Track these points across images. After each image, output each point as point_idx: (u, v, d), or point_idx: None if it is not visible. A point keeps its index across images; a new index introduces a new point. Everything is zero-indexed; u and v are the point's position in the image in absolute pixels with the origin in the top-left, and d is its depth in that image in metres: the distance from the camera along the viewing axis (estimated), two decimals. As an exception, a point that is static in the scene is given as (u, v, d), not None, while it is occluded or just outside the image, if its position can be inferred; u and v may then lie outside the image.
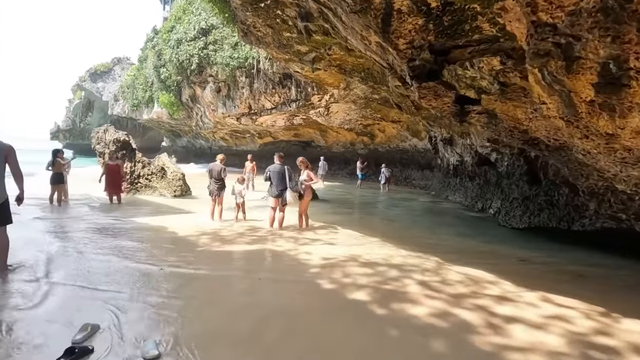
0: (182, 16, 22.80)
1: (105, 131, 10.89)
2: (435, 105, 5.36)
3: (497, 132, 5.71)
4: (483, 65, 4.69)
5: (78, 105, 44.36)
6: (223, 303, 3.54)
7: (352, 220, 8.53)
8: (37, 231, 6.29)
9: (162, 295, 3.64)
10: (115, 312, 3.18)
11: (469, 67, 4.87)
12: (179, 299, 3.54)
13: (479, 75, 4.73)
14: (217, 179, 7.62)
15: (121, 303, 3.38)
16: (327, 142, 25.37)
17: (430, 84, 4.95)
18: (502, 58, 4.55)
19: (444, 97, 5.13)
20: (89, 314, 3.11)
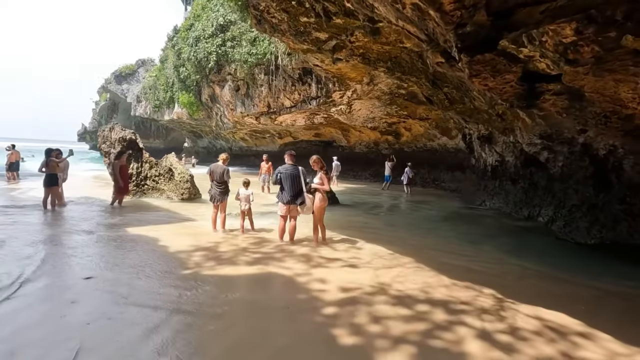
0: (200, 13, 22.26)
1: (111, 129, 10.18)
2: (493, 86, 4.11)
3: (581, 120, 4.35)
4: (559, 32, 3.40)
5: (103, 107, 45.20)
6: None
7: (378, 231, 7.28)
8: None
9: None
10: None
11: (537, 39, 3.60)
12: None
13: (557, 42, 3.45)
14: (219, 182, 6.58)
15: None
16: (349, 142, 24.18)
17: (486, 57, 3.72)
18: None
19: (505, 74, 3.88)
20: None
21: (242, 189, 6.75)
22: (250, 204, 6.68)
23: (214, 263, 4.70)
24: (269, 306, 3.47)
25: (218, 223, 6.71)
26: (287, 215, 5.98)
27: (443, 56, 4.85)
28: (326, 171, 5.97)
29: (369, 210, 10.36)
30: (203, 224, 7.15)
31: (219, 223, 6.71)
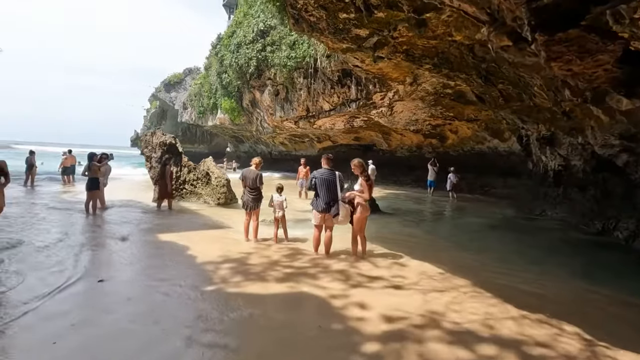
0: (242, 20, 22.63)
1: (152, 134, 10.34)
2: (580, 70, 3.35)
3: None
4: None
5: (154, 114, 47.79)
6: None
7: (424, 244, 6.53)
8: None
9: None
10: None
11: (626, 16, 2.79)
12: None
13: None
14: (252, 188, 6.16)
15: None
16: (390, 145, 23.31)
17: (571, 34, 2.97)
18: None
19: (598, 54, 3.08)
20: None
21: (276, 194, 6.32)
22: (284, 210, 6.26)
23: (241, 278, 4.28)
24: (296, 340, 2.95)
25: (250, 231, 6.33)
26: (322, 225, 5.43)
27: (510, 38, 4.08)
28: (367, 177, 5.31)
29: (413, 220, 9.58)
30: (236, 231, 6.84)
31: (251, 231, 6.33)
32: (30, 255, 5.03)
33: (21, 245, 5.47)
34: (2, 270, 4.27)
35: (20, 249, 5.26)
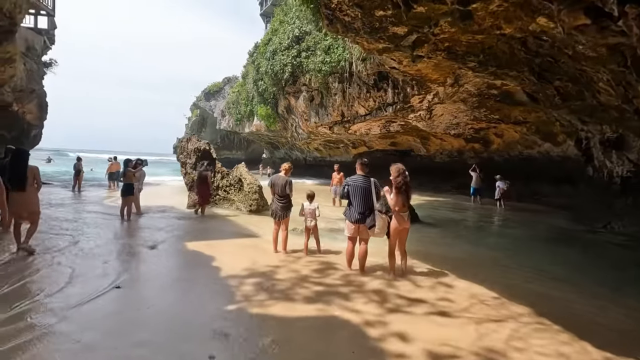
0: (278, 28, 22.83)
1: (187, 141, 10.41)
2: None
3: None
4: None
5: (194, 122, 49.66)
6: None
7: (472, 260, 5.81)
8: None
9: None
10: None
11: None
12: None
13: None
14: (281, 195, 5.78)
15: None
16: (428, 150, 22.34)
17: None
18: None
19: None
20: None
21: (306, 202, 5.90)
22: (317, 220, 5.85)
23: (266, 296, 3.89)
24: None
25: (279, 242, 5.95)
26: (356, 237, 4.92)
27: (589, 15, 3.41)
28: (400, 183, 4.69)
29: (457, 231, 8.79)
30: (265, 240, 6.53)
31: (280, 242, 5.95)
32: (55, 263, 4.99)
33: (49, 251, 5.50)
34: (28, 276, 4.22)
35: (48, 255, 5.27)
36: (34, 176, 5.58)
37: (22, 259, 5.16)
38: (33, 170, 5.59)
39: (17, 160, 5.52)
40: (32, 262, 4.92)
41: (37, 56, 17.43)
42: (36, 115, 18.36)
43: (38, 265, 4.82)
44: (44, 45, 17.99)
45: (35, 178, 5.60)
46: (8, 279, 4.13)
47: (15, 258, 4.99)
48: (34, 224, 5.72)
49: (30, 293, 3.76)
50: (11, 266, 4.71)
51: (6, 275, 4.33)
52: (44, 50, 18.22)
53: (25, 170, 5.47)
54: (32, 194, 5.60)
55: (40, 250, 5.54)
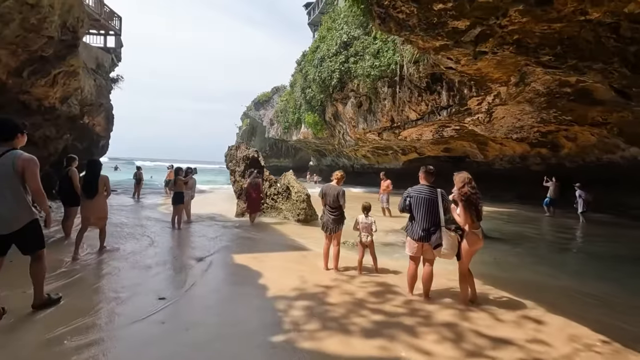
0: (326, 35, 22.77)
1: (236, 148, 10.42)
2: None
3: None
4: None
5: (245, 131, 51.39)
6: None
7: (560, 288, 4.90)
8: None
9: None
10: None
11: None
12: None
13: None
14: (332, 207, 5.26)
15: None
16: (486, 156, 20.77)
17: None
18: None
19: None
20: None
21: (362, 216, 5.35)
22: (373, 235, 5.32)
23: (318, 325, 3.40)
24: None
25: (330, 258, 5.46)
26: (419, 257, 4.29)
27: None
28: (466, 195, 4.00)
29: (533, 249, 7.64)
30: (314, 254, 6.14)
31: (331, 258, 5.45)
32: (104, 273, 4.97)
33: (97, 259, 5.52)
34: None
35: (95, 264, 5.29)
36: (104, 184, 5.96)
37: (72, 266, 5.25)
38: (103, 179, 5.96)
39: (90, 169, 5.93)
40: (81, 270, 4.96)
41: (106, 72, 18.86)
42: (104, 127, 19.84)
43: (86, 274, 4.84)
44: (111, 62, 19.45)
45: (105, 186, 5.97)
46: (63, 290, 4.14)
47: (66, 270, 5.02)
48: (102, 230, 6.17)
49: (78, 311, 3.67)
50: (63, 278, 4.75)
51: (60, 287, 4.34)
52: (111, 67, 19.69)
53: (97, 178, 5.87)
54: (102, 201, 5.99)
55: (89, 257, 5.64)
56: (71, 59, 6.00)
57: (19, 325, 3.23)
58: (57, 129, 7.55)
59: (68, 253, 5.76)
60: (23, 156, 3.31)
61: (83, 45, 16.53)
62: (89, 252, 5.96)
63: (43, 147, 7.93)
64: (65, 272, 4.84)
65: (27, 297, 3.70)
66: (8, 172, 3.23)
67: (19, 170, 3.27)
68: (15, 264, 3.79)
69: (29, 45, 5.05)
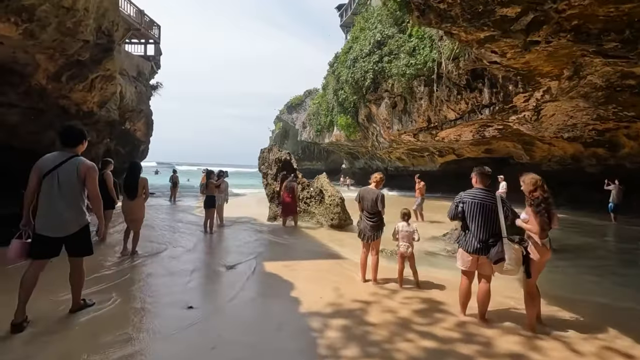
0: (359, 35, 22.38)
1: (269, 151, 10.25)
2: None
3: None
4: None
5: (277, 134, 51.93)
6: None
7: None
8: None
9: None
10: None
11: None
12: None
13: None
14: (370, 212, 4.79)
15: None
16: (532, 157, 19.41)
17: None
18: None
19: None
20: None
21: (402, 223, 4.88)
22: (413, 245, 4.84)
23: (358, 351, 2.94)
24: None
25: (368, 268, 4.98)
26: (474, 272, 3.70)
27: None
28: (539, 200, 3.42)
29: (602, 262, 6.70)
30: (350, 263, 5.75)
31: (369, 268, 4.95)
32: (132, 280, 4.86)
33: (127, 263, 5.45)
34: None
35: (127, 269, 5.20)
36: (144, 187, 6.10)
37: (104, 271, 5.20)
38: (143, 181, 6.11)
39: (131, 172, 6.13)
40: (113, 276, 4.89)
41: (146, 80, 19.55)
42: (144, 132, 20.59)
43: (117, 280, 4.75)
44: (151, 70, 20.14)
45: (144, 188, 6.12)
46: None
47: (98, 276, 4.97)
48: (136, 234, 6.24)
49: (104, 323, 3.52)
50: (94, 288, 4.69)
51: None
52: (151, 74, 20.39)
53: (137, 181, 6.05)
54: (140, 203, 6.14)
55: (122, 261, 5.60)
56: (107, 63, 6.08)
57: (57, 331, 3.10)
58: (97, 133, 7.74)
59: (102, 257, 5.76)
60: (86, 163, 3.42)
61: (125, 54, 17.24)
62: (121, 256, 5.95)
63: (85, 152, 8.13)
64: (98, 277, 4.79)
65: (56, 303, 3.61)
66: (72, 177, 3.34)
67: (82, 177, 3.38)
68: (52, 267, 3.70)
69: (66, 50, 5.14)
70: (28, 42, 4.61)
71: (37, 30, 4.49)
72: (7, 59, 4.84)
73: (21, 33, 4.43)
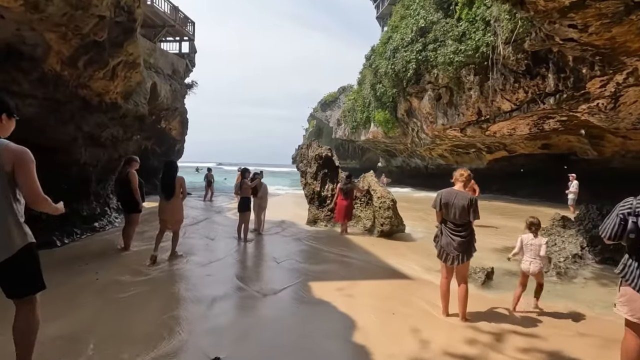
0: (399, 25, 20.98)
1: (307, 147, 9.28)
2: None
3: None
4: None
5: (311, 132, 51.20)
6: None
7: None
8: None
9: None
10: None
11: None
12: None
13: None
14: (458, 224, 3.56)
15: None
16: (601, 153, 17.12)
17: None
18: None
19: None
20: None
21: (528, 235, 3.83)
22: (544, 262, 3.76)
23: None
24: None
25: (451, 297, 3.73)
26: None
27: None
28: None
29: None
30: (418, 286, 4.49)
31: (455, 301, 3.67)
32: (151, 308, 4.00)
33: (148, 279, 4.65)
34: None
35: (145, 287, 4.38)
36: (181, 186, 5.78)
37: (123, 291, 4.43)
38: (180, 180, 5.78)
39: (166, 171, 5.77)
40: (129, 300, 4.09)
41: (181, 78, 19.31)
42: (179, 131, 20.43)
43: (131, 301, 3.94)
44: (186, 68, 19.90)
45: (181, 188, 5.80)
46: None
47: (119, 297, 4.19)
48: (176, 234, 5.89)
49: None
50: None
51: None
52: (186, 72, 20.15)
53: (173, 180, 5.71)
54: (178, 203, 5.82)
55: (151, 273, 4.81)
56: (129, 46, 5.37)
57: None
58: (125, 129, 7.17)
59: (124, 270, 5.04)
60: (11, 147, 2.15)
61: (160, 52, 17.04)
62: (151, 264, 5.21)
63: (112, 149, 7.60)
64: (118, 299, 4.01)
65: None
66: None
67: (7, 168, 2.12)
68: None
69: (79, 27, 4.45)
70: (33, 15, 3.95)
71: (42, 1, 3.82)
72: (13, 38, 4.21)
73: (22, 4, 3.77)
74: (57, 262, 5.23)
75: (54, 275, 3.67)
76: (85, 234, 6.68)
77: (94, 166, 7.12)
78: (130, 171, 6.08)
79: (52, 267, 4.63)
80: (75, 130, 5.93)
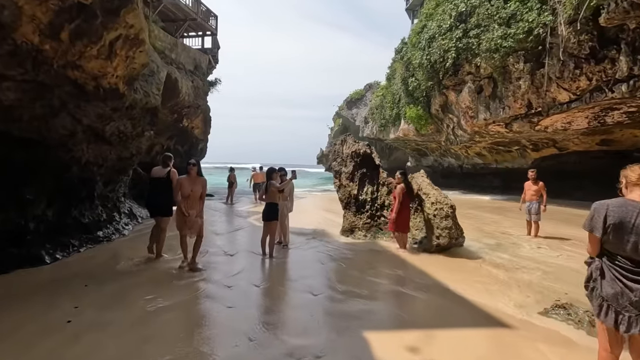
0: (433, 12, 19.34)
1: (342, 142, 7.96)
2: None
3: None
4: None
5: (337, 131, 49.81)
6: None
7: None
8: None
9: None
10: None
11: None
12: None
13: None
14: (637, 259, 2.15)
15: None
16: (676, 150, 14.89)
17: None
18: None
19: None
20: None
21: None
22: None
23: None
24: None
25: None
26: None
27: None
28: None
29: None
30: (533, 341, 3.09)
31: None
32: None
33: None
34: None
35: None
36: (203, 187, 5.41)
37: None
38: (201, 182, 5.41)
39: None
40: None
41: (203, 74, 18.52)
42: (202, 129, 19.70)
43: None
44: (208, 64, 19.10)
45: (203, 189, 5.42)
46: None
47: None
48: (199, 238, 5.44)
49: None
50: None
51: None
52: (209, 69, 19.36)
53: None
54: (200, 206, 5.43)
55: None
56: (127, 15, 4.27)
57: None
58: (133, 122, 6.19)
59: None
60: None
61: (182, 47, 16.31)
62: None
63: (121, 146, 6.63)
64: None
65: None
66: None
67: None
68: None
69: (55, -16, 3.46)
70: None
71: None
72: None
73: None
74: (36, 286, 4.18)
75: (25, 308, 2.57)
76: (85, 246, 5.70)
77: (100, 165, 6.19)
78: (172, 170, 5.54)
79: (26, 295, 3.62)
80: (72, 123, 4.97)
